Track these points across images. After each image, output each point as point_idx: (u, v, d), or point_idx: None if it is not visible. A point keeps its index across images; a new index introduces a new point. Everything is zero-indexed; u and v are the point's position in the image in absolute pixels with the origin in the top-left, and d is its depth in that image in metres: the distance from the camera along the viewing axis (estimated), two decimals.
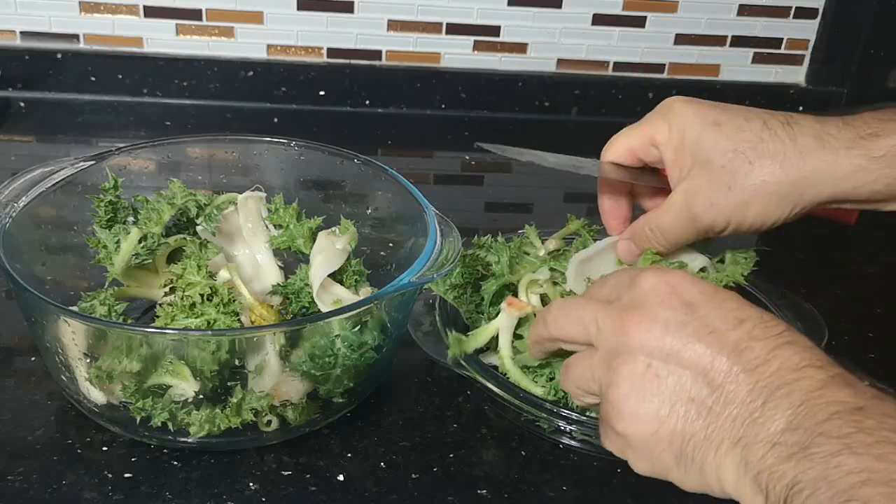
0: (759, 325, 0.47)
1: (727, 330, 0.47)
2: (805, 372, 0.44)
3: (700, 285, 0.50)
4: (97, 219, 0.70)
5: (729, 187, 0.64)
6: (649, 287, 0.50)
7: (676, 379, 0.47)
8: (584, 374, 0.53)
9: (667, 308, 0.49)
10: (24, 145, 1.13)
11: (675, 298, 0.49)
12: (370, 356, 0.64)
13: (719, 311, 0.48)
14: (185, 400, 0.61)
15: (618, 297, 0.52)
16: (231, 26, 1.18)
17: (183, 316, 0.63)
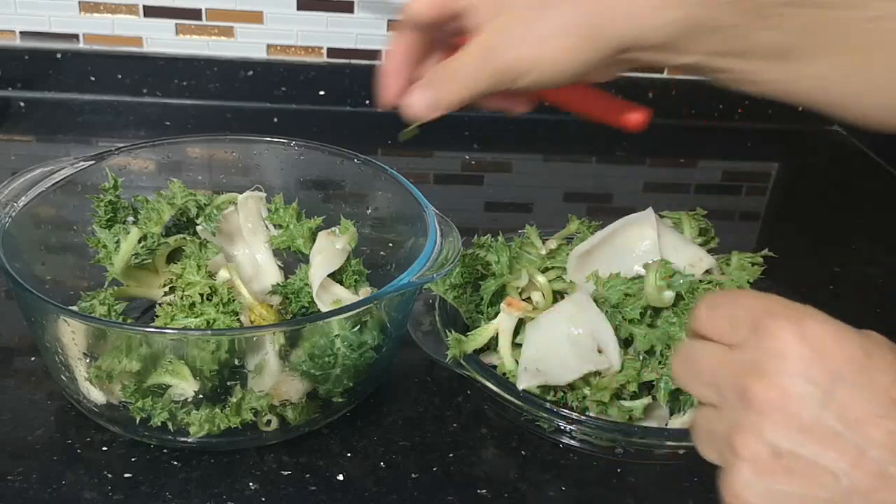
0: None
1: (878, 416, 0.37)
2: None
3: (845, 349, 0.39)
4: (97, 218, 0.70)
5: (529, 27, 0.58)
6: (786, 353, 0.39)
7: (811, 471, 0.38)
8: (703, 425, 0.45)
9: (806, 381, 0.38)
10: (23, 145, 1.13)
11: (817, 368, 0.39)
12: (370, 356, 0.64)
13: (869, 389, 0.38)
14: (184, 400, 0.61)
15: (740, 344, 0.41)
16: (231, 26, 1.18)
17: (182, 315, 0.63)
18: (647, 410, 0.66)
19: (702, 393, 0.44)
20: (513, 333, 0.69)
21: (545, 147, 1.24)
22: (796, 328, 0.40)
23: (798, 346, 0.39)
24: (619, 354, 0.66)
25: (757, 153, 1.27)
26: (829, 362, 0.39)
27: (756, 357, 0.40)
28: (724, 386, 0.42)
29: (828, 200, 1.16)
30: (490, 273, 0.74)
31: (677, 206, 0.80)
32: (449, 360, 0.68)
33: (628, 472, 0.65)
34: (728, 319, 0.42)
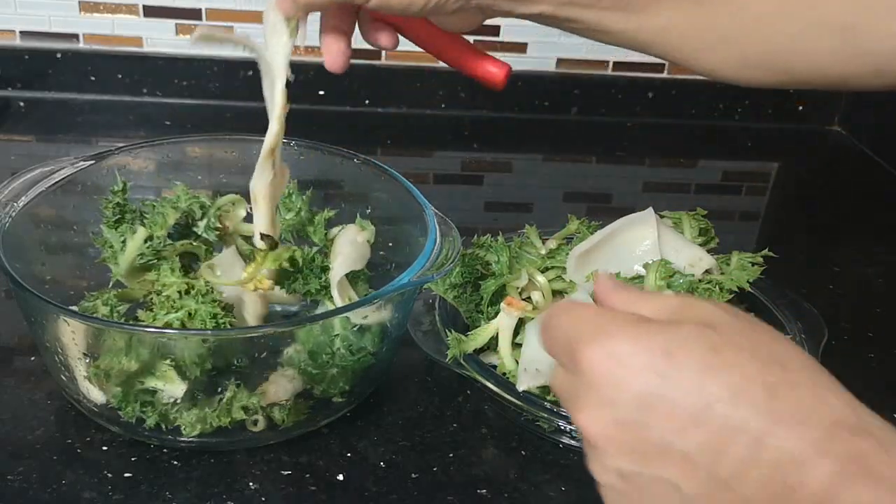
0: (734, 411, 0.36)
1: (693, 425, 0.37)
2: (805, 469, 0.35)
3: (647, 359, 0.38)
4: (105, 220, 0.70)
5: None
6: (591, 378, 0.39)
7: (656, 487, 0.39)
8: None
9: (618, 407, 0.38)
10: (23, 145, 1.13)
11: (624, 391, 0.38)
12: (367, 360, 0.64)
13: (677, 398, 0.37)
14: (174, 401, 0.61)
15: (566, 368, 0.41)
16: (231, 26, 1.18)
17: (163, 312, 0.64)
18: None
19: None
20: (513, 333, 0.69)
21: (545, 147, 1.24)
22: (600, 351, 0.39)
23: (603, 372, 0.38)
24: None
25: (757, 153, 1.27)
26: (633, 382, 0.38)
27: (574, 388, 0.40)
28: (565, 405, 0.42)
29: (828, 200, 1.16)
30: (490, 273, 0.74)
31: (677, 206, 0.80)
32: (449, 360, 0.68)
33: None
34: (551, 342, 0.42)
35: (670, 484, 0.38)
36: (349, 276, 0.72)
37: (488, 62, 0.66)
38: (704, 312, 0.40)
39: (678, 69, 1.29)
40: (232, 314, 0.66)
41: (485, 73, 0.66)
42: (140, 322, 0.65)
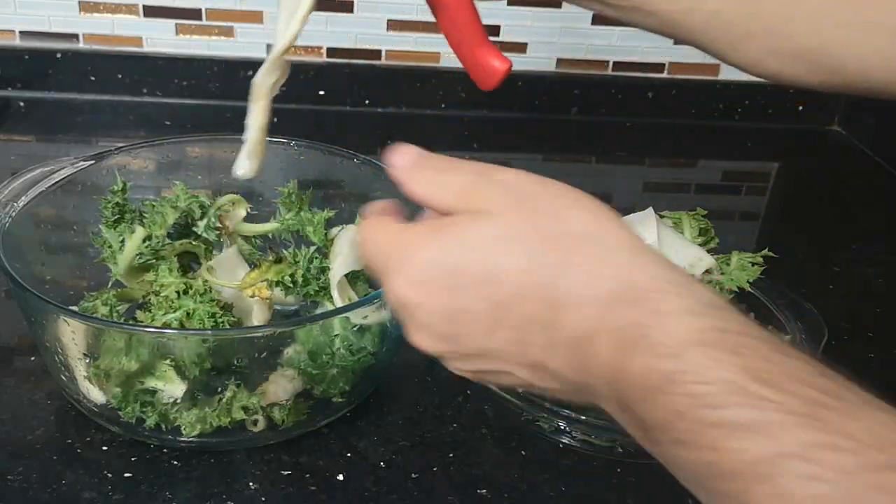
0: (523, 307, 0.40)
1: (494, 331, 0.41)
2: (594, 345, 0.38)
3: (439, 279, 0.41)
4: (104, 219, 0.70)
5: None
6: (396, 298, 0.42)
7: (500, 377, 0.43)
8: None
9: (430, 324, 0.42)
10: (23, 145, 1.13)
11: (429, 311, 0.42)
12: (367, 360, 0.64)
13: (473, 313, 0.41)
14: (174, 401, 0.61)
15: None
16: (231, 26, 1.18)
17: (161, 312, 0.64)
18: None
19: None
20: None
21: (545, 147, 1.24)
22: (401, 284, 0.42)
23: (410, 300, 0.42)
24: None
25: (757, 153, 1.27)
26: (435, 305, 0.41)
27: (401, 315, 0.44)
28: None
29: (828, 200, 1.16)
30: None
31: (677, 206, 0.80)
32: None
33: (628, 472, 0.65)
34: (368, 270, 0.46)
35: (504, 371, 0.42)
36: (349, 277, 0.72)
37: (493, 53, 0.63)
38: (487, 197, 0.42)
39: (678, 69, 1.29)
40: (231, 314, 0.66)
41: (486, 63, 0.62)
42: (140, 322, 0.65)
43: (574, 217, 0.40)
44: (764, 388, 0.34)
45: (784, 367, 0.35)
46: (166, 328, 0.63)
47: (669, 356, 0.36)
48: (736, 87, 1.30)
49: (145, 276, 0.69)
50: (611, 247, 0.39)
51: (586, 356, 0.39)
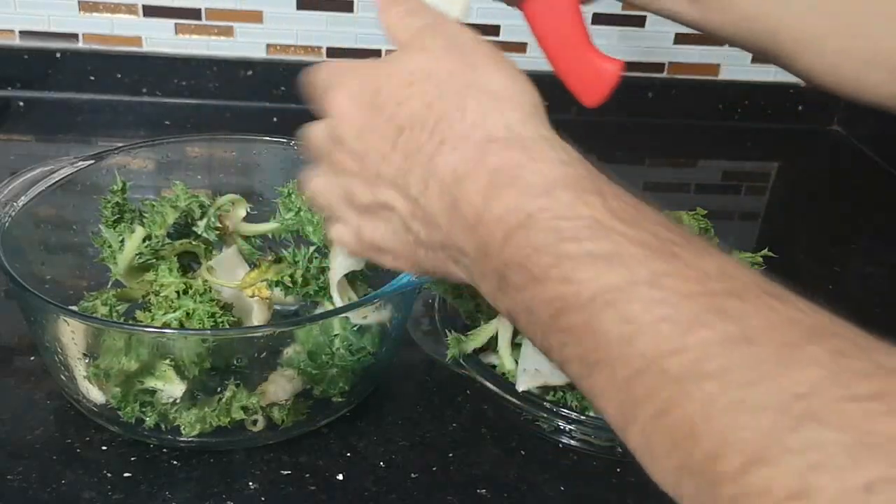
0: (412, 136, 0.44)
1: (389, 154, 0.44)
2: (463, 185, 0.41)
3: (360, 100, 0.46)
4: (104, 219, 0.70)
5: None
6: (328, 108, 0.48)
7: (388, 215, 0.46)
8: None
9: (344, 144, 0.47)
10: (23, 145, 1.13)
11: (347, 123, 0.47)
12: (367, 360, 0.64)
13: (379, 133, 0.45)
14: (173, 400, 0.61)
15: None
16: (230, 25, 1.18)
17: (161, 312, 0.64)
18: None
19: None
20: (512, 333, 0.69)
21: None
22: (339, 90, 0.47)
23: (339, 104, 0.47)
24: None
25: (757, 153, 1.27)
26: (354, 119, 0.46)
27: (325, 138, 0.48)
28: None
29: (828, 200, 1.16)
30: None
31: (677, 206, 0.80)
32: (449, 360, 0.68)
33: (628, 472, 0.65)
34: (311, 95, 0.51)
35: (388, 205, 0.45)
36: (348, 277, 0.72)
37: (603, 56, 0.57)
38: (430, 39, 0.46)
39: (678, 69, 1.29)
40: (231, 314, 0.66)
41: (597, 68, 0.56)
42: (140, 322, 0.65)
43: (489, 72, 0.44)
44: (622, 224, 0.36)
45: (643, 212, 0.37)
46: (166, 328, 0.63)
47: (536, 195, 0.38)
48: (736, 87, 1.30)
49: (145, 276, 0.69)
50: (507, 106, 0.42)
51: (456, 197, 0.41)
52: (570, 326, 0.36)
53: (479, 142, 0.41)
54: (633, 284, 0.34)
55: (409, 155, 0.43)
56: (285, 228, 0.76)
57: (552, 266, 0.36)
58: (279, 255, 0.72)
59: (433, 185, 0.42)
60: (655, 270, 0.34)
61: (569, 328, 0.36)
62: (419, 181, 0.43)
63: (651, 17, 1.24)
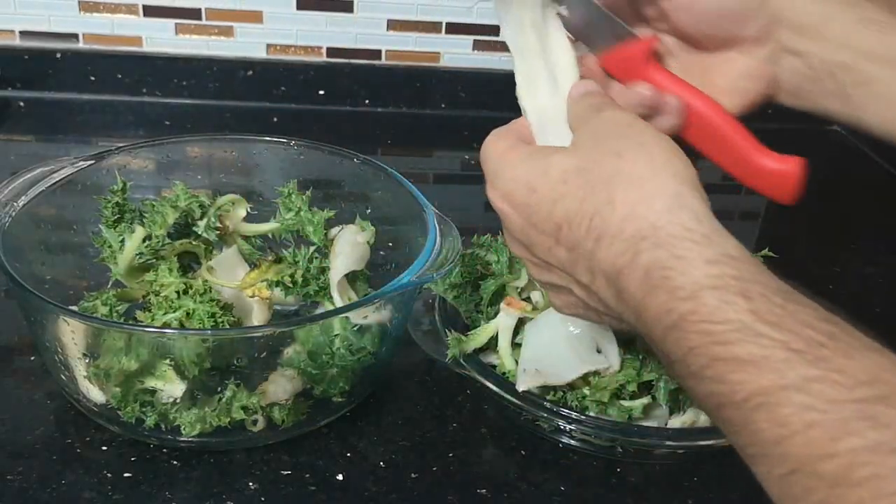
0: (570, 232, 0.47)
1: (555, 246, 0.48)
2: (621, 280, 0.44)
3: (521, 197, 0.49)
4: (104, 219, 0.70)
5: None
6: (495, 206, 0.51)
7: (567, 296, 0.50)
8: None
9: (512, 235, 0.51)
10: (23, 145, 1.13)
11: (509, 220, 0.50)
12: (367, 360, 0.64)
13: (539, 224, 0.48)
14: (173, 400, 0.61)
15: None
16: (230, 25, 1.18)
17: (161, 312, 0.64)
18: (647, 410, 0.66)
19: None
20: (512, 333, 0.69)
21: None
22: (492, 189, 0.51)
23: (496, 203, 0.51)
24: (618, 354, 0.66)
25: None
26: (518, 217, 0.49)
27: None
28: None
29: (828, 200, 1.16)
30: (490, 273, 0.74)
31: None
32: (449, 360, 0.68)
33: (628, 472, 0.65)
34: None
35: (564, 287, 0.49)
36: (349, 277, 0.72)
37: (774, 156, 0.57)
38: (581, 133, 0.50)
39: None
40: (231, 314, 0.66)
41: (773, 170, 0.57)
42: (140, 322, 0.65)
43: (633, 158, 0.46)
44: (768, 327, 0.37)
45: (789, 310, 0.38)
46: (166, 328, 0.63)
47: (686, 298, 0.40)
48: None
49: (145, 276, 0.69)
50: (652, 192, 0.44)
51: (619, 288, 0.44)
52: (728, 420, 0.39)
53: (630, 239, 0.43)
54: (783, 389, 0.36)
55: (572, 248, 0.47)
56: (285, 228, 0.76)
57: (706, 367, 0.39)
58: (279, 255, 0.72)
59: (599, 276, 0.46)
60: (804, 375, 0.36)
61: (728, 421, 0.39)
62: (585, 272, 0.46)
63: None
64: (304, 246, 0.73)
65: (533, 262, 0.51)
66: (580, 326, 0.66)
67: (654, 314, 0.42)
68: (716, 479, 0.65)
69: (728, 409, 0.38)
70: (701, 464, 0.67)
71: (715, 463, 0.66)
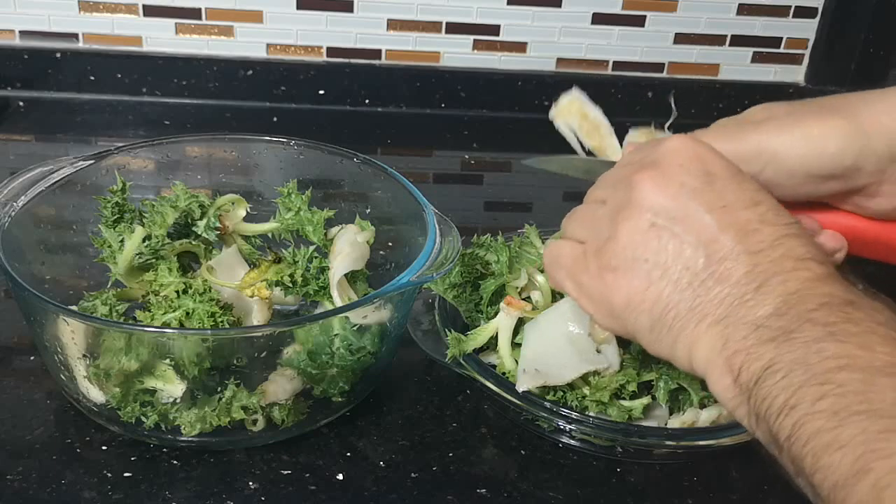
0: (773, 211, 0.47)
1: (741, 208, 0.47)
2: (806, 264, 0.44)
3: (724, 161, 0.49)
4: (103, 219, 0.70)
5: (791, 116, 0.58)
6: (673, 148, 0.50)
7: (678, 244, 0.47)
8: (586, 221, 0.53)
9: (685, 172, 0.48)
10: (23, 144, 1.13)
11: (697, 164, 0.49)
12: (367, 360, 0.64)
13: (738, 189, 0.48)
14: (173, 400, 0.61)
15: (640, 159, 0.51)
16: (230, 25, 1.18)
17: (161, 312, 0.64)
18: (647, 410, 0.66)
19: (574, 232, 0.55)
20: (512, 333, 0.69)
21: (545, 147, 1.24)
22: (685, 139, 0.50)
23: (686, 149, 0.49)
24: (618, 354, 0.66)
25: None
26: (709, 165, 0.49)
27: (652, 157, 0.50)
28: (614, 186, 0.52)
29: None
30: (490, 273, 0.74)
31: None
32: (448, 360, 0.68)
33: (628, 472, 0.65)
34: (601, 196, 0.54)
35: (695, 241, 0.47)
36: (349, 276, 0.72)
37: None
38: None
39: (678, 69, 1.29)
40: (230, 313, 0.66)
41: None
42: (139, 322, 0.65)
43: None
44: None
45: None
46: (166, 328, 0.63)
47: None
48: (735, 87, 1.30)
49: (145, 276, 0.69)
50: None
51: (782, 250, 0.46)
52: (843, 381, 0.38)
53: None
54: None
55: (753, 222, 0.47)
56: (285, 228, 0.76)
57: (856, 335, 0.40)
58: (279, 255, 0.72)
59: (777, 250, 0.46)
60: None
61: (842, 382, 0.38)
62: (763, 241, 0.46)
63: (651, 17, 1.25)
64: (303, 245, 0.73)
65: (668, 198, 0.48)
66: (580, 326, 0.66)
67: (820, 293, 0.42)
68: (716, 479, 0.65)
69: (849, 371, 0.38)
70: (701, 464, 0.66)
71: (715, 463, 0.66)
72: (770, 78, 1.32)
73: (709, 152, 0.50)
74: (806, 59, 1.31)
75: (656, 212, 0.48)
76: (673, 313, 0.47)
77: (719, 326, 0.45)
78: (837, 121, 0.53)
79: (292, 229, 0.76)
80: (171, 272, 0.67)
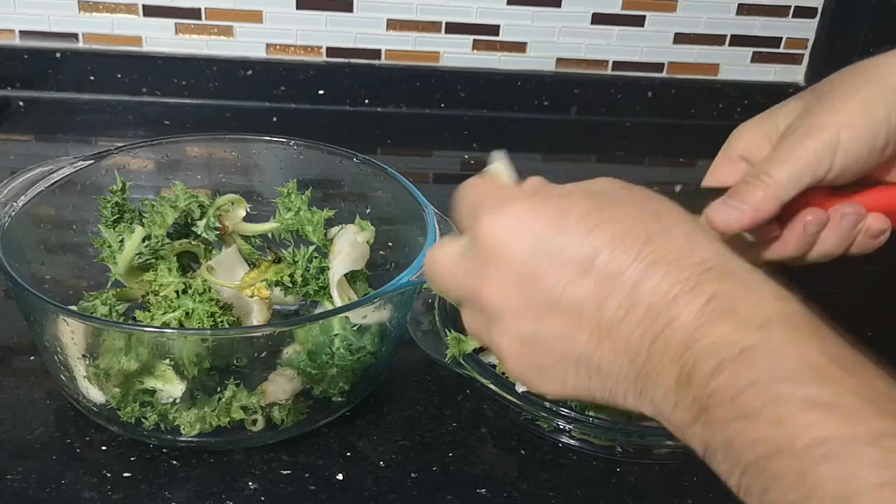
0: (613, 258, 0.40)
1: (577, 279, 0.40)
2: (675, 307, 0.38)
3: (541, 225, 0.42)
4: (103, 219, 0.70)
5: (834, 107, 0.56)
6: (489, 241, 0.43)
7: (553, 343, 0.42)
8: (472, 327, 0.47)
9: (513, 265, 0.42)
10: (22, 144, 1.13)
11: (517, 248, 0.42)
12: (367, 360, 0.64)
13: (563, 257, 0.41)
14: (173, 400, 0.61)
15: (469, 246, 0.45)
16: (230, 25, 1.18)
17: (160, 312, 0.64)
18: None
19: (453, 298, 0.49)
20: None
21: (545, 147, 1.24)
22: (495, 218, 0.43)
23: (497, 240, 0.42)
24: None
25: None
26: (524, 245, 0.42)
27: (476, 265, 0.44)
28: (462, 293, 0.46)
29: None
30: None
31: None
32: (448, 360, 0.68)
33: (627, 472, 0.65)
34: (457, 213, 0.49)
35: (562, 337, 0.42)
36: (348, 276, 0.72)
37: None
38: (593, 183, 0.45)
39: (678, 69, 1.29)
40: (230, 313, 0.66)
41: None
42: (139, 322, 0.65)
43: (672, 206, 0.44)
44: (841, 372, 0.34)
45: (861, 360, 0.36)
46: (165, 328, 0.63)
47: (752, 330, 0.36)
48: (735, 87, 1.30)
49: (145, 276, 0.69)
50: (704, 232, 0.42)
51: (663, 318, 0.39)
52: (778, 472, 0.34)
53: (694, 265, 0.39)
54: (854, 441, 0.32)
55: (604, 281, 0.40)
56: (285, 228, 0.76)
57: (764, 406, 0.35)
58: (279, 255, 0.72)
59: (638, 308, 0.39)
60: (877, 429, 0.33)
61: (777, 474, 0.34)
62: (618, 306, 0.40)
63: (651, 17, 1.25)
64: (303, 245, 0.73)
65: (522, 309, 0.42)
66: None
67: (708, 346, 0.37)
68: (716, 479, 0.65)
69: (782, 457, 0.34)
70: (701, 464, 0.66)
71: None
72: (770, 78, 1.32)
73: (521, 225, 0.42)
74: (806, 59, 1.31)
75: (515, 321, 0.43)
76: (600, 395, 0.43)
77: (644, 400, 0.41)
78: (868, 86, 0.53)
79: (292, 229, 0.76)
80: (170, 272, 0.67)
